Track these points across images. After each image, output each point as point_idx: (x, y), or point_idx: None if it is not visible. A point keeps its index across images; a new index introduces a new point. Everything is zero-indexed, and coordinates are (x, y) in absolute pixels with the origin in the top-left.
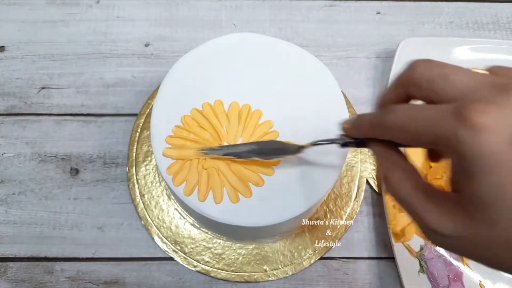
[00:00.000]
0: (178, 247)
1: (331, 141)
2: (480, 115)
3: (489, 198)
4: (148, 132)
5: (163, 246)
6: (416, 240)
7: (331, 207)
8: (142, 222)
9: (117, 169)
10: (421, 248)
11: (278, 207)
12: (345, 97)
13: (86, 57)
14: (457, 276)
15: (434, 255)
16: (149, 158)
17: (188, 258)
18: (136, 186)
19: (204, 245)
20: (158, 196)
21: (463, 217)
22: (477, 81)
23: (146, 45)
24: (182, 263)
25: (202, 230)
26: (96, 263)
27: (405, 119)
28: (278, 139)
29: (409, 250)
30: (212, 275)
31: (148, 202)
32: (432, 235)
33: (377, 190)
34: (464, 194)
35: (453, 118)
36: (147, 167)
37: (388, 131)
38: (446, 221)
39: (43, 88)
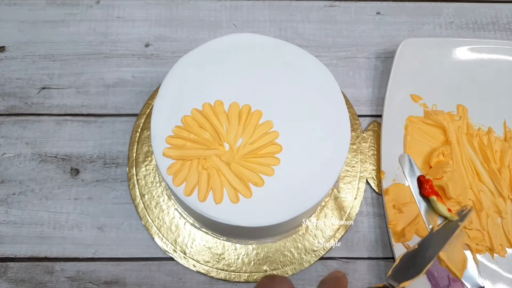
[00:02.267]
0: (178, 247)
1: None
2: None
3: None
4: (148, 132)
5: (163, 246)
6: (416, 240)
7: (331, 207)
8: (142, 222)
9: (117, 169)
10: None
11: (278, 207)
12: (345, 97)
13: (86, 57)
14: None
15: None
16: (149, 158)
17: (188, 258)
18: (136, 186)
19: (204, 245)
20: (158, 196)
21: None
22: None
23: (146, 45)
24: (182, 263)
25: (202, 230)
26: (96, 263)
27: None
28: (278, 139)
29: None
30: (212, 275)
31: (148, 202)
32: None
33: (377, 190)
34: None
35: None
36: (147, 167)
37: None
38: None
39: (43, 88)
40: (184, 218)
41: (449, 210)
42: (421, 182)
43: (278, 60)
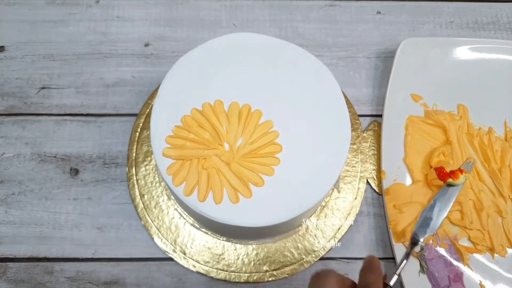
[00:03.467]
0: (178, 247)
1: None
2: None
3: None
4: (148, 132)
5: (163, 246)
6: None
7: (331, 207)
8: (142, 223)
9: (117, 169)
10: (422, 249)
11: (278, 207)
12: (345, 97)
13: (85, 57)
14: (458, 277)
15: (434, 255)
16: (149, 158)
17: (188, 258)
18: (136, 186)
19: (204, 245)
20: (158, 196)
21: None
22: None
23: (146, 45)
24: (182, 264)
25: (202, 230)
26: (96, 263)
27: None
28: (278, 139)
29: None
30: (212, 275)
31: (148, 202)
32: None
33: (377, 190)
34: None
35: None
36: (147, 167)
37: None
38: None
39: (43, 88)
40: (184, 218)
41: (461, 171)
42: (436, 172)
43: (278, 60)
